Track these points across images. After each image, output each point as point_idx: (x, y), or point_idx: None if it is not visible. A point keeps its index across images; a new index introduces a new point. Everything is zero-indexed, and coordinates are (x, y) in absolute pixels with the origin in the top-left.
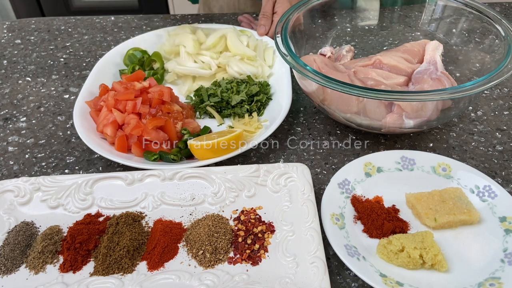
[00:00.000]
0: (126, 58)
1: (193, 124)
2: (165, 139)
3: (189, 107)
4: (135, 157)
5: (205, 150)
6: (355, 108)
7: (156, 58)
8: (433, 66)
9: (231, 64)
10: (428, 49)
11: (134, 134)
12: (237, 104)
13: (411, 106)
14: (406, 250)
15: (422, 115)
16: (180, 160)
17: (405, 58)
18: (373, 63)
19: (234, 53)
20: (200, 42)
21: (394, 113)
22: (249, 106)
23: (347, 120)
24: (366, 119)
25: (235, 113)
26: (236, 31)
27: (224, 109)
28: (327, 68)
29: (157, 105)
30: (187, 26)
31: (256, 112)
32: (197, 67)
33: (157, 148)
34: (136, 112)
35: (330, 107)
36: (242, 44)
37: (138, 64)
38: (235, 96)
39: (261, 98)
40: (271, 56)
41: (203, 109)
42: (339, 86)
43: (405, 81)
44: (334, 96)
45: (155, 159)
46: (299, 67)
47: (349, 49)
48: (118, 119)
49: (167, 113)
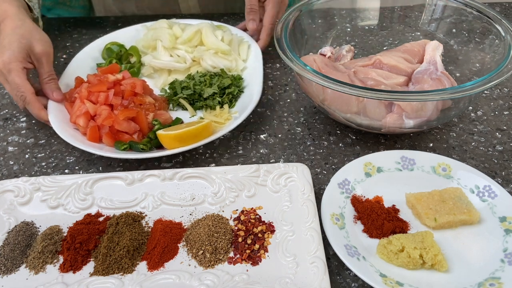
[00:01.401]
0: (104, 52)
1: (165, 115)
2: (136, 130)
3: (162, 100)
4: (106, 147)
5: (172, 140)
6: (355, 108)
7: (133, 52)
8: (433, 66)
9: (205, 58)
10: (428, 49)
11: (105, 124)
12: (209, 97)
13: (411, 106)
14: (406, 250)
15: (422, 115)
16: (149, 149)
17: (405, 58)
18: (373, 63)
19: (209, 47)
20: (176, 36)
21: (394, 113)
22: (220, 99)
23: (347, 120)
24: (366, 119)
25: (207, 105)
26: (211, 26)
27: (197, 101)
28: (327, 68)
29: (130, 97)
30: (164, 21)
31: (227, 104)
32: (172, 61)
33: (128, 138)
34: (108, 103)
35: (330, 107)
36: (217, 38)
37: (115, 58)
38: (207, 89)
39: (233, 91)
40: (246, 51)
41: (176, 101)
42: (339, 86)
43: (405, 81)
44: (334, 96)
45: (125, 148)
46: (299, 67)
47: (349, 49)
48: (90, 110)
49: (139, 104)
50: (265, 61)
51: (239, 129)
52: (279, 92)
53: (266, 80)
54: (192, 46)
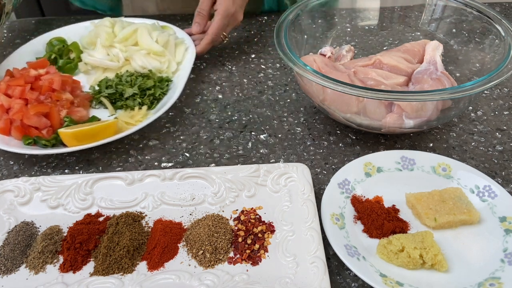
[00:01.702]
0: (47, 47)
1: (81, 113)
2: (47, 126)
3: (85, 97)
4: (15, 140)
5: (69, 137)
6: (355, 108)
7: (73, 48)
8: (433, 66)
9: (135, 57)
10: (428, 49)
11: (15, 118)
12: (129, 97)
13: (411, 106)
14: (406, 250)
15: (422, 115)
16: (52, 146)
17: (405, 58)
18: (373, 63)
19: (142, 47)
20: (115, 35)
21: (394, 113)
22: (141, 100)
23: (347, 120)
24: (366, 119)
25: (127, 105)
26: (150, 26)
27: (118, 100)
28: (327, 68)
29: (47, 92)
30: (108, 19)
31: (147, 105)
32: (106, 59)
33: (36, 134)
34: (24, 97)
35: (330, 107)
36: (152, 39)
37: (56, 53)
38: (128, 89)
39: (155, 92)
40: (182, 53)
41: (97, 99)
42: (339, 86)
43: (405, 81)
44: (334, 96)
45: (29, 143)
46: (299, 68)
47: (349, 49)
48: (5, 104)
49: (56, 100)
50: (265, 61)
51: (238, 129)
52: (279, 92)
53: (266, 80)
54: (128, 45)
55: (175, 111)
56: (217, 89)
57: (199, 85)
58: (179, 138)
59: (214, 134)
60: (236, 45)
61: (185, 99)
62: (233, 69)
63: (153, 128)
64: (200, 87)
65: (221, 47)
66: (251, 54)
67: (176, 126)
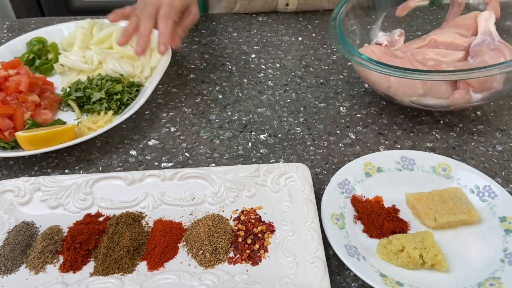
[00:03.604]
0: (26, 47)
1: (46, 115)
2: (10, 127)
3: (55, 99)
4: None
5: (24, 141)
6: (421, 91)
7: (51, 49)
8: (489, 36)
9: (108, 61)
10: (481, 20)
11: None
12: (96, 101)
13: (477, 81)
14: (406, 250)
15: (489, 87)
16: (12, 148)
17: (459, 33)
18: (428, 43)
19: (116, 51)
20: (93, 36)
21: (461, 89)
22: (107, 104)
23: (413, 103)
24: (433, 100)
25: (94, 109)
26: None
27: (85, 104)
28: (387, 56)
29: (14, 93)
30: (88, 21)
31: (114, 110)
32: (80, 61)
33: None
34: None
35: (396, 94)
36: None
37: (35, 53)
38: (95, 93)
39: (122, 97)
40: (158, 58)
41: (65, 102)
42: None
43: (464, 56)
44: (398, 82)
45: None
46: (360, 60)
47: (400, 33)
48: None
49: (22, 102)
50: (265, 61)
51: (238, 129)
52: (279, 92)
53: (266, 80)
54: (103, 48)
55: (175, 111)
56: (217, 89)
57: (199, 85)
58: (179, 138)
59: (214, 134)
60: (236, 45)
61: (185, 99)
62: (233, 69)
63: (153, 128)
64: (200, 87)
65: (221, 47)
66: (251, 54)
67: (176, 126)
